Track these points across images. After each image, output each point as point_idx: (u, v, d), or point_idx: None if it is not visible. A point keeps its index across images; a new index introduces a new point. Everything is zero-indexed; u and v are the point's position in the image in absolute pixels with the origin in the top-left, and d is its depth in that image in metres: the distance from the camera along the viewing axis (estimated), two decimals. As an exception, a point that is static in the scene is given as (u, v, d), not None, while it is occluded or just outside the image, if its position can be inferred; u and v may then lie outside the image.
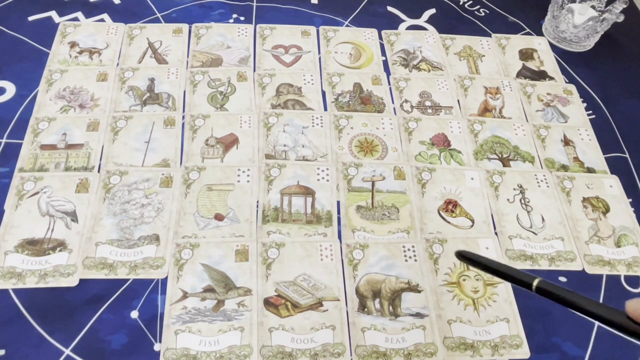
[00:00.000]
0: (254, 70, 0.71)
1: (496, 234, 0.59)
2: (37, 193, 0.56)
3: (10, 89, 0.65)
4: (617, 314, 0.32)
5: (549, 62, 0.78)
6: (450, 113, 0.70)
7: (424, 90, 0.72)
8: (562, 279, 0.56)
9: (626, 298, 0.55)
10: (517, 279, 0.38)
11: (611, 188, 0.64)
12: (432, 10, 0.83)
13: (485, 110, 0.71)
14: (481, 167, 0.64)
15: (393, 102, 0.70)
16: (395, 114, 0.69)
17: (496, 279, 0.55)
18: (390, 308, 0.52)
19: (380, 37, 0.78)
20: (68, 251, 0.53)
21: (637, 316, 0.31)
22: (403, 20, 0.81)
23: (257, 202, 0.58)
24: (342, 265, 0.54)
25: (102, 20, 0.75)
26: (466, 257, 0.43)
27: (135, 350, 0.48)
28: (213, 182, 0.59)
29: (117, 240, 0.54)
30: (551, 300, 0.35)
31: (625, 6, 0.74)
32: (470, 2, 0.86)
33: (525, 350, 0.51)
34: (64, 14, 0.75)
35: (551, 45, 0.80)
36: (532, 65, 0.77)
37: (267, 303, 0.51)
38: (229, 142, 0.63)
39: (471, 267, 0.55)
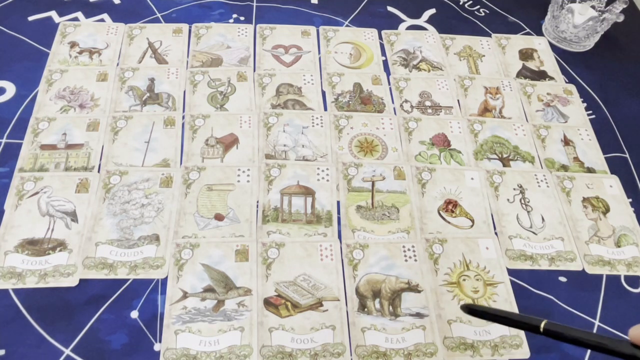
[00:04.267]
0: (254, 70, 0.71)
1: (496, 234, 0.59)
2: (37, 193, 0.56)
3: (10, 89, 0.65)
4: (622, 345, 0.32)
5: (549, 62, 0.78)
6: (450, 113, 0.70)
7: (424, 90, 0.72)
8: (562, 279, 0.56)
9: (626, 298, 0.56)
10: (525, 324, 0.39)
11: (611, 188, 0.64)
12: (432, 10, 0.83)
13: (485, 110, 0.71)
14: (481, 167, 0.64)
15: (393, 102, 0.70)
16: (395, 114, 0.69)
17: (496, 280, 0.55)
18: (390, 308, 0.52)
19: (380, 37, 0.78)
20: (68, 251, 0.53)
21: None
22: (403, 20, 0.81)
23: (257, 202, 0.58)
24: (342, 265, 0.54)
25: (102, 20, 0.75)
26: (473, 310, 0.44)
27: (135, 350, 0.48)
28: (213, 182, 0.59)
29: (117, 240, 0.54)
30: (559, 340, 0.36)
31: (625, 6, 0.74)
32: (470, 2, 0.86)
33: (525, 350, 0.51)
34: (64, 14, 0.75)
35: (551, 45, 0.80)
36: (532, 65, 0.77)
37: (267, 303, 0.51)
38: (229, 142, 0.63)
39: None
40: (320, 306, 0.51)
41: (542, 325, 0.37)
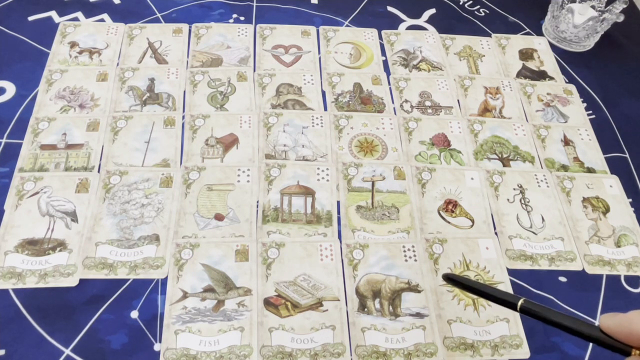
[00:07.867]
0: (254, 70, 0.71)
1: (496, 234, 0.59)
2: (37, 193, 0.56)
3: (10, 89, 0.65)
4: (593, 330, 0.34)
5: (549, 62, 0.78)
6: (450, 113, 0.70)
7: (424, 90, 0.72)
8: (562, 279, 0.56)
9: (626, 298, 0.56)
10: (502, 300, 0.39)
11: (611, 188, 0.64)
12: (432, 10, 0.83)
13: (485, 110, 0.71)
14: (481, 167, 0.64)
15: (393, 102, 0.70)
16: (395, 114, 0.69)
17: (496, 280, 0.55)
18: (390, 308, 0.52)
19: (380, 37, 0.78)
20: (68, 251, 0.53)
21: (609, 330, 0.33)
22: (403, 20, 0.81)
23: (257, 202, 0.58)
24: (342, 265, 0.54)
25: (102, 20, 0.75)
26: (453, 280, 0.45)
27: (135, 350, 0.48)
28: (213, 182, 0.59)
29: (117, 240, 0.54)
30: (535, 319, 0.36)
31: (625, 6, 0.74)
32: (470, 2, 0.86)
33: (525, 350, 0.51)
34: (64, 14, 0.75)
35: (551, 45, 0.80)
36: (532, 65, 0.77)
37: (267, 303, 0.51)
38: (229, 142, 0.63)
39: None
40: (320, 306, 0.51)
41: (519, 303, 0.37)
